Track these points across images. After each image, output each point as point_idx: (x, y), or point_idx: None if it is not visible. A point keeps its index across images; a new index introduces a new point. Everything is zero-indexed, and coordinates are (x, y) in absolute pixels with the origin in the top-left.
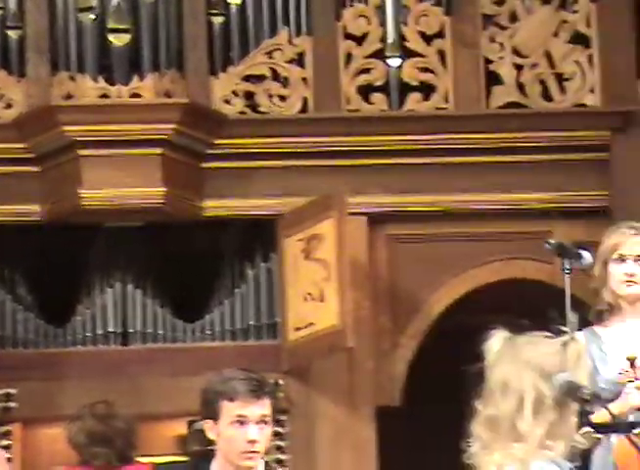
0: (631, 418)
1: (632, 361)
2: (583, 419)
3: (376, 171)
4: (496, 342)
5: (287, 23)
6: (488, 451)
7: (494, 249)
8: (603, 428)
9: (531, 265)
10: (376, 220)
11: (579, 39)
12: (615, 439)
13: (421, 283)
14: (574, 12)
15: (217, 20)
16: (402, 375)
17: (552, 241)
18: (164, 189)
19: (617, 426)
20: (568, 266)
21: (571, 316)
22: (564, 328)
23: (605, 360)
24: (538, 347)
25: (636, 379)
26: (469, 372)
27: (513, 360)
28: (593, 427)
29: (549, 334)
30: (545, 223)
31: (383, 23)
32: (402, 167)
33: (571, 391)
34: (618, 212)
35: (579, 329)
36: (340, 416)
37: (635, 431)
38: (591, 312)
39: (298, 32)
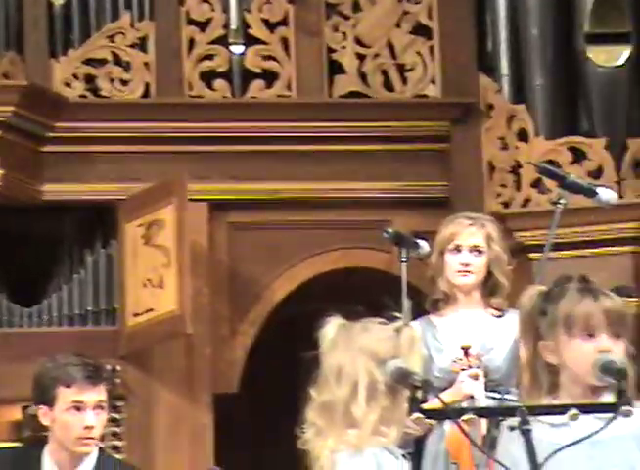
0: (464, 405)
1: (466, 350)
2: (414, 405)
3: (218, 158)
4: (331, 329)
5: (129, 6)
6: (322, 437)
7: (335, 237)
8: (434, 415)
9: (371, 254)
10: (217, 207)
11: (421, 30)
12: (448, 426)
13: (261, 271)
14: (417, 3)
15: (58, 1)
16: (241, 362)
17: (390, 230)
18: (2, 172)
19: (447, 413)
20: (405, 255)
21: (406, 304)
22: (397, 315)
23: (440, 349)
24: (372, 333)
25: (469, 367)
26: (305, 359)
27: (347, 347)
28: (424, 413)
29: (383, 321)
30: (385, 213)
31: (226, 10)
32: (244, 155)
33: (402, 377)
34: (457, 203)
35: (415, 318)
36: (177, 402)
37: (464, 418)
38: (427, 301)
39: (141, 17)
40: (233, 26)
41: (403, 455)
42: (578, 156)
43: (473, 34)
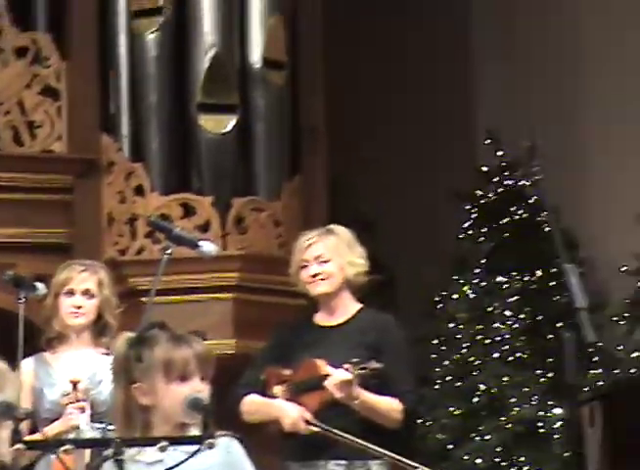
0: (70, 436)
1: (75, 384)
2: (16, 437)
3: None
4: None
5: None
6: None
7: None
8: (35, 445)
9: None
10: None
11: (50, 92)
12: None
13: None
14: (47, 67)
15: None
16: None
17: (10, 272)
18: None
19: (47, 444)
20: (22, 296)
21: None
22: None
23: (52, 384)
24: None
25: (78, 401)
26: None
27: None
28: (25, 444)
29: None
30: (11, 256)
31: None
32: None
33: (5, 410)
34: (78, 250)
35: (30, 354)
36: None
37: (63, 448)
38: (42, 340)
39: None
40: None
41: None
42: (189, 211)
43: (97, 97)
